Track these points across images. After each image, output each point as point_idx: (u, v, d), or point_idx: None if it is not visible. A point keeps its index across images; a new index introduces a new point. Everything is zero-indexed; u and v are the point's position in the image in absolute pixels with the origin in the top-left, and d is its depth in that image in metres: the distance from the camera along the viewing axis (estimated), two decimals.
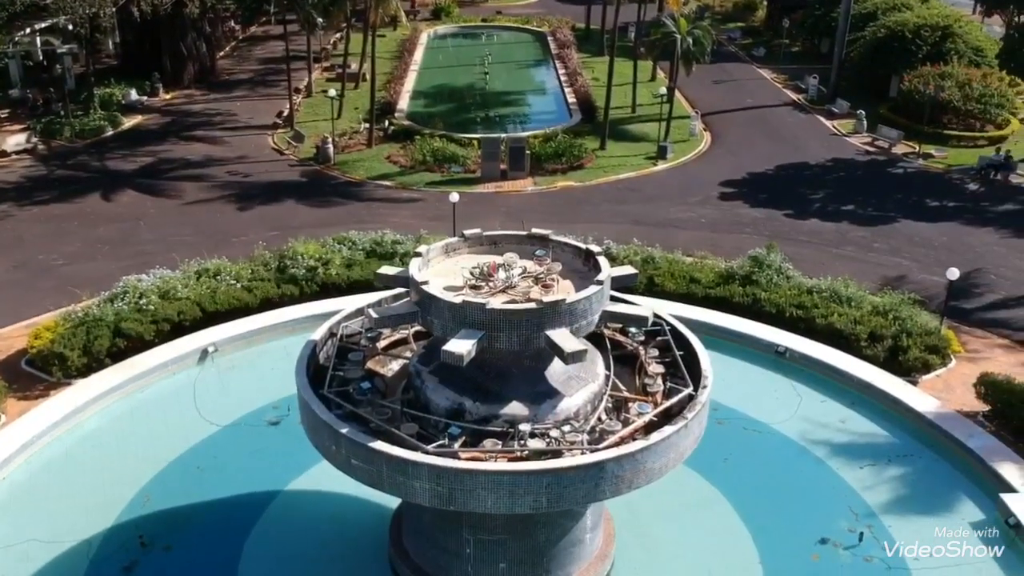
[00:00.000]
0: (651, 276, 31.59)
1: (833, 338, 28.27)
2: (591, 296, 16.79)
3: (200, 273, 30.87)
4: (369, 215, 40.39)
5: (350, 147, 49.05)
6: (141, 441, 23.59)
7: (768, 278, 31.11)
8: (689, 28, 47.47)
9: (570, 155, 46.70)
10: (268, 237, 37.17)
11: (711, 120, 54.71)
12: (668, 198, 42.75)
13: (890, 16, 60.83)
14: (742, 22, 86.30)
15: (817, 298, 30.03)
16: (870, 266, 35.75)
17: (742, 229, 39.13)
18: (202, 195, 42.13)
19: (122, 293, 29.19)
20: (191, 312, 28.75)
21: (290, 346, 27.61)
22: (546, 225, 38.49)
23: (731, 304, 30.21)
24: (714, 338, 28.02)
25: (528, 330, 16.35)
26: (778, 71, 67.71)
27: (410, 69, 64.80)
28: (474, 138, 49.35)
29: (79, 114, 51.34)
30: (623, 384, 18.85)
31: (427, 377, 17.63)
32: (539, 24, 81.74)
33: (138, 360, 26.14)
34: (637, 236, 36.21)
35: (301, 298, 30.39)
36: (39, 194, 41.81)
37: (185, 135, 51.16)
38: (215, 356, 26.95)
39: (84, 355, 26.51)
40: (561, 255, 19.00)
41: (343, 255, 32.25)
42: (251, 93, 60.51)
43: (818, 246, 37.55)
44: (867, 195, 43.24)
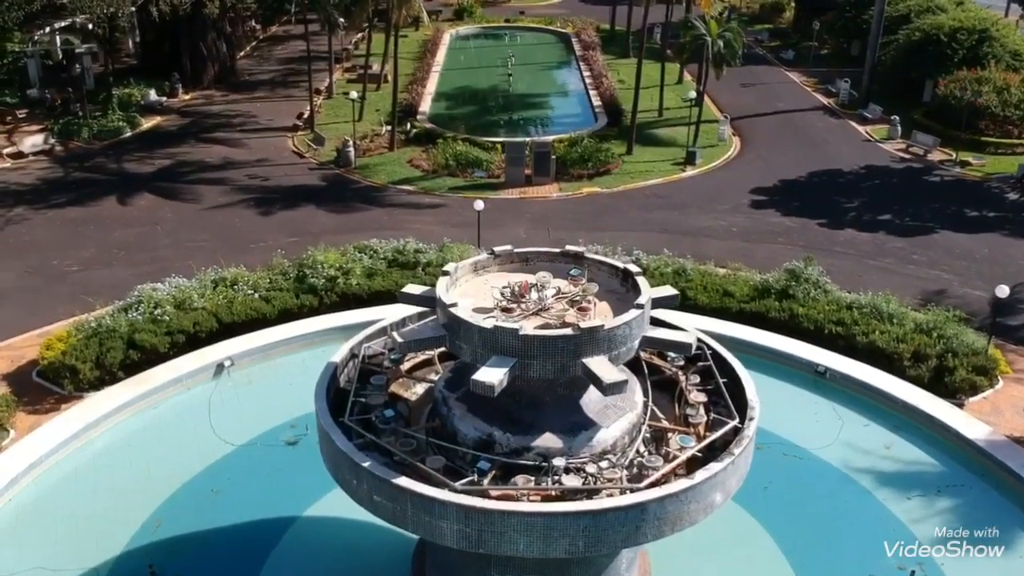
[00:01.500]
0: (683, 289, 30.33)
1: (875, 357, 27.06)
2: (631, 321, 15.68)
3: (217, 282, 29.94)
4: (390, 221, 39.41)
5: (371, 150, 48.07)
6: (153, 461, 22.58)
7: (805, 292, 29.88)
8: (720, 31, 46.18)
9: (596, 160, 45.53)
10: (287, 244, 36.29)
11: (740, 124, 53.39)
12: (697, 205, 41.52)
13: (924, 19, 59.31)
14: (769, 23, 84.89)
15: (857, 314, 28.77)
16: (909, 279, 34.44)
17: (775, 239, 37.87)
18: (220, 199, 41.24)
19: (136, 303, 28.28)
20: (207, 323, 27.84)
21: (308, 360, 26.82)
22: (572, 233, 37.94)
23: (767, 319, 29.04)
24: (750, 355, 26.96)
25: (564, 358, 15.25)
26: (808, 74, 66.28)
27: (432, 70, 63.76)
28: (498, 142, 48.25)
29: (97, 115, 50.61)
30: (662, 412, 17.74)
31: (454, 404, 16.57)
32: (563, 25, 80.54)
33: (151, 374, 25.23)
34: (667, 246, 35.07)
35: (320, 309, 29.44)
36: (55, 197, 41.03)
37: (204, 137, 50.33)
38: (231, 370, 25.98)
39: (96, 368, 25.69)
40: (597, 274, 17.91)
41: (364, 264, 31.24)
42: (271, 94, 59.66)
43: (855, 257, 36.25)
44: (903, 204, 41.86)
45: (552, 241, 37.02)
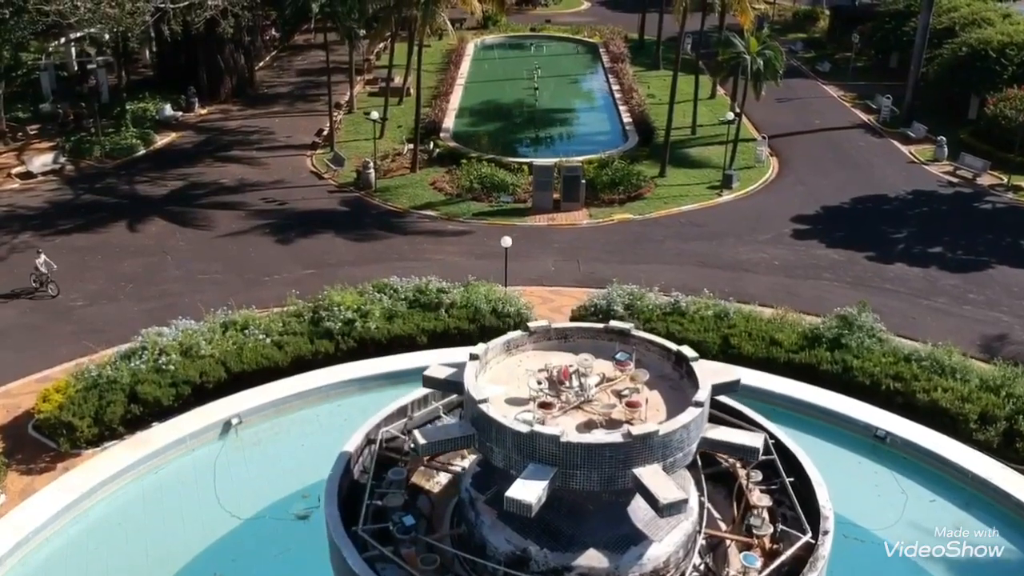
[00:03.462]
0: (726, 336, 28.30)
1: (937, 418, 24.89)
2: (689, 424, 13.59)
3: (226, 326, 28.06)
4: (412, 250, 37.45)
5: (392, 171, 46.13)
6: (152, 536, 20.69)
7: (859, 341, 27.65)
8: (760, 48, 43.88)
9: (628, 184, 43.35)
10: (303, 277, 34.48)
11: (777, 143, 51.02)
12: (736, 235, 39.27)
13: (971, 32, 56.65)
14: (803, 33, 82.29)
15: (917, 368, 26.51)
16: (966, 321, 32.13)
17: (820, 274, 35.59)
18: (234, 225, 39.37)
19: (140, 349, 26.45)
20: (215, 373, 26.01)
21: (323, 416, 24.95)
22: (604, 266, 35.88)
23: (818, 372, 26.87)
24: (801, 415, 25.00)
25: (612, 468, 13.22)
26: (845, 88, 63.76)
27: (456, 83, 61.73)
28: (524, 163, 46.20)
29: (110, 131, 48.96)
30: (719, 511, 15.67)
31: (483, 509, 14.54)
32: (590, 34, 78.24)
33: (152, 435, 23.35)
34: (705, 282, 33.01)
35: (337, 355, 27.53)
36: (63, 222, 39.31)
37: (219, 155, 48.53)
38: (239, 429, 24.03)
39: (95, 424, 24.01)
40: (646, 355, 15.80)
41: (383, 305, 29.25)
42: (290, 109, 57.82)
43: (906, 296, 33.93)
44: (955, 234, 39.44)
45: (583, 275, 35.10)
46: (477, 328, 28.81)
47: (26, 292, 32.81)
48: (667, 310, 29.61)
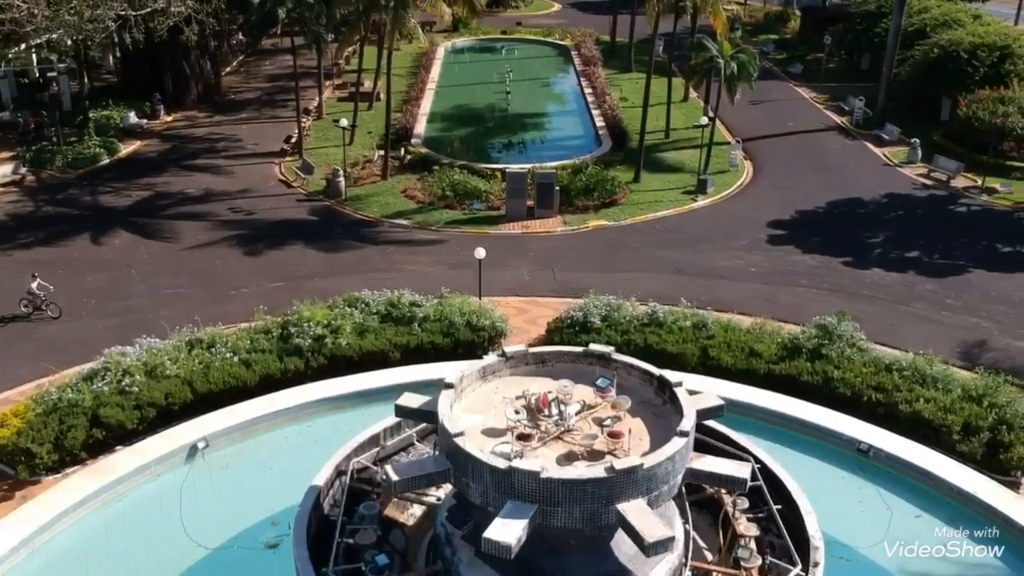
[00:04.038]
0: (705, 347, 27.82)
1: (920, 428, 24.53)
2: (674, 455, 13.01)
3: (192, 344, 27.20)
4: (384, 261, 36.70)
5: (363, 179, 45.33)
6: (116, 570, 19.90)
7: (839, 351, 27.27)
8: (733, 52, 43.49)
9: (602, 190, 42.81)
10: (271, 290, 33.65)
11: (751, 147, 50.70)
12: (712, 241, 38.84)
13: (942, 34, 56.63)
14: (774, 34, 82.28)
15: (898, 378, 26.15)
16: (945, 327, 31.84)
17: (798, 281, 35.22)
18: (201, 237, 38.41)
19: (103, 370, 25.57)
20: (180, 394, 25.19)
21: (293, 437, 24.17)
22: (580, 275, 35.30)
23: (798, 384, 26.46)
24: (783, 428, 24.54)
25: (595, 504, 12.63)
26: (818, 90, 63.63)
27: (427, 88, 61.00)
28: (497, 169, 45.55)
29: (73, 140, 47.80)
30: (704, 540, 15.11)
31: (459, 546, 13.91)
32: (562, 37, 77.80)
33: (116, 460, 22.49)
34: (682, 290, 32.55)
35: (307, 373, 26.76)
36: (22, 236, 38.19)
37: (185, 164, 47.49)
38: (206, 452, 23.17)
39: (55, 450, 23.09)
40: (627, 379, 15.24)
41: (354, 320, 28.50)
42: (258, 115, 56.80)
43: (884, 302, 33.62)
44: (931, 239, 39.22)
45: (558, 284, 34.50)
46: (451, 342, 28.19)
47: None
48: (645, 321, 29.10)
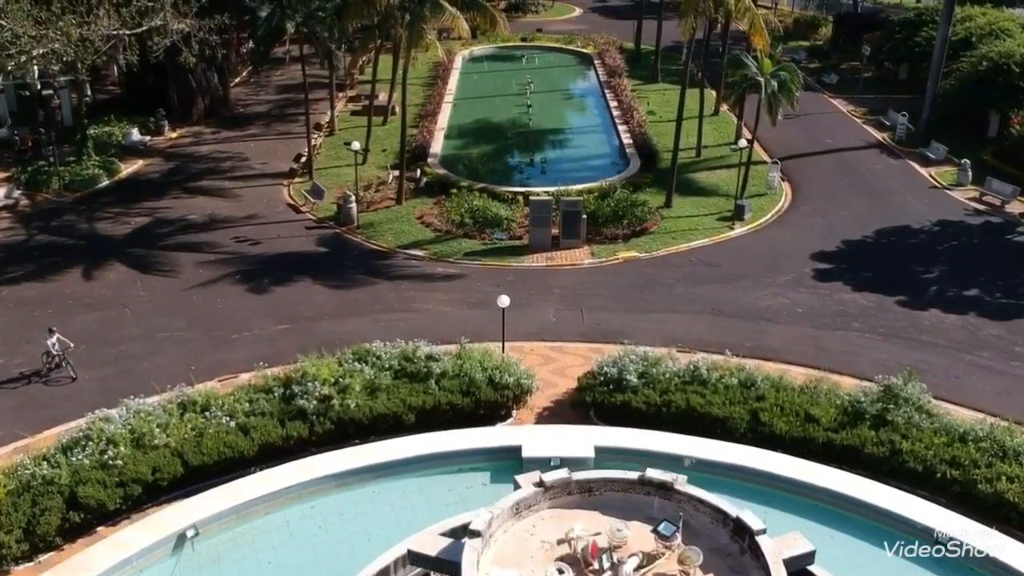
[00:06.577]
0: (755, 410, 25.00)
1: (1002, 512, 21.65)
2: None
3: (185, 406, 24.56)
4: (397, 299, 33.96)
5: (376, 203, 42.59)
6: None
7: (906, 417, 24.36)
8: (774, 70, 40.48)
9: (632, 216, 39.91)
10: (276, 333, 31.10)
11: (788, 166, 47.66)
12: (752, 276, 35.88)
13: (991, 45, 53.35)
14: (804, 41, 79.02)
15: (975, 450, 23.23)
16: (1017, 381, 28.92)
17: (849, 324, 32.24)
18: (202, 271, 35.71)
19: (84, 439, 22.97)
20: (169, 468, 22.65)
21: (294, 522, 21.35)
22: (611, 316, 32.40)
23: (862, 456, 23.61)
24: (846, 512, 21.62)
25: None
26: (855, 102, 60.39)
27: (444, 101, 58.14)
28: (519, 192, 42.73)
29: (71, 160, 45.26)
30: None
31: None
32: (584, 44, 74.78)
33: (94, 555, 19.77)
34: (723, 334, 29.98)
35: (311, 440, 24.15)
36: (11, 269, 35.58)
37: (189, 186, 44.83)
38: (195, 542, 20.47)
39: (26, 538, 20.53)
40: (694, 516, 12.38)
41: (365, 376, 25.76)
42: (267, 130, 54.09)
43: (946, 350, 30.64)
44: (991, 273, 36.15)
45: (587, 327, 31.69)
46: (472, 402, 25.56)
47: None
48: (686, 378, 26.23)
